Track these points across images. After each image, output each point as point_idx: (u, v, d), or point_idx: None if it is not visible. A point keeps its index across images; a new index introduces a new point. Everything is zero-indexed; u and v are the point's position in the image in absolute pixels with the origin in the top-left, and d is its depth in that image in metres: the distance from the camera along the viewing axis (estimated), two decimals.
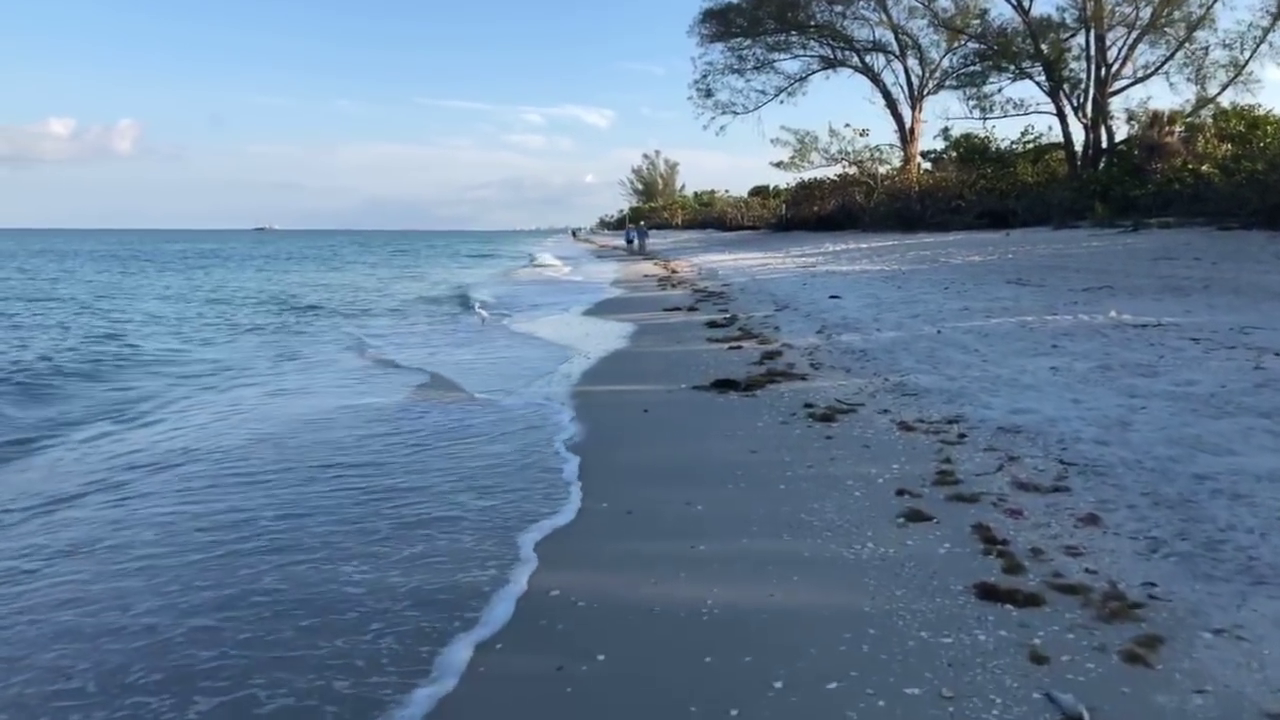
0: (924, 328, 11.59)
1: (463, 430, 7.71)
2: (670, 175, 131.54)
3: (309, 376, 11.40)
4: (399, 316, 20.14)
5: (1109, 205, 31.37)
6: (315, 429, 7.96)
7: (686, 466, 6.18)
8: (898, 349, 10.26)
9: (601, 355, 12.10)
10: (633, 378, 10.07)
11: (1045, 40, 40.77)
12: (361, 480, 6.20)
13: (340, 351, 13.95)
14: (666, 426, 7.50)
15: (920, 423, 6.93)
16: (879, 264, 24.36)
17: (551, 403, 8.82)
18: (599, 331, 14.79)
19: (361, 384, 10.64)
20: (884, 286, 17.49)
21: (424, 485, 6.04)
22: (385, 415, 8.48)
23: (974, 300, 14.01)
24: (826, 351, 10.73)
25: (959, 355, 9.42)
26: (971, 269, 20.33)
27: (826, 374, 9.35)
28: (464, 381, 10.44)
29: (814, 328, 12.88)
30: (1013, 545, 4.39)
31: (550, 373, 10.75)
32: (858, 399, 7.99)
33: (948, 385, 8.10)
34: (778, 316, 14.69)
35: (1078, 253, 22.02)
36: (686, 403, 8.41)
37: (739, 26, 51.77)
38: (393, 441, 7.34)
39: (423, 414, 8.47)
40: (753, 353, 11.15)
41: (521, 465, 6.51)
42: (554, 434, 7.43)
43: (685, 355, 11.41)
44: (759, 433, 7.03)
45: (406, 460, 6.73)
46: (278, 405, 9.35)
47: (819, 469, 5.92)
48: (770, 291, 19.24)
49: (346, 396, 9.71)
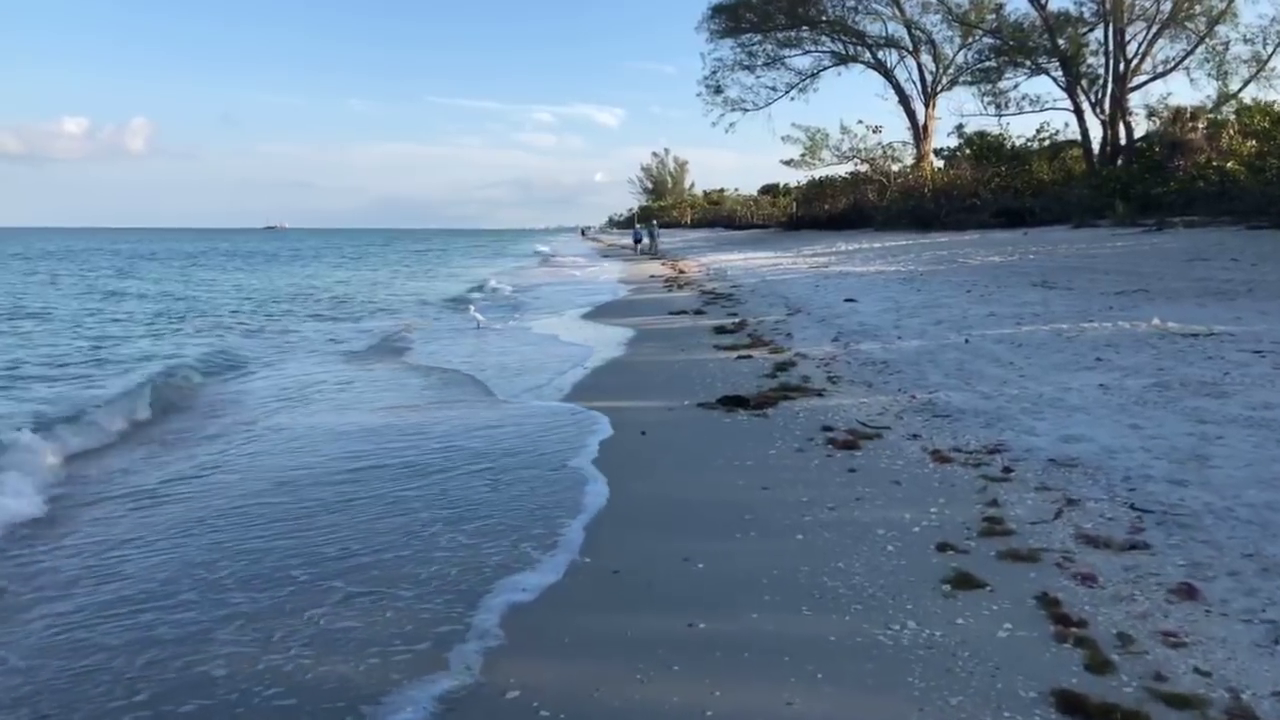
0: (949, 336, 10.67)
1: (419, 457, 6.83)
2: (679, 174, 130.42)
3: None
4: (393, 317, 19.26)
5: (1130, 204, 30.40)
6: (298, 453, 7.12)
7: (687, 507, 5.29)
8: (923, 360, 9.35)
9: (598, 364, 11.22)
10: (631, 391, 9.18)
11: (1063, 35, 39.72)
12: (297, 515, 5.34)
13: (338, 364, 13.11)
14: (666, 453, 6.60)
15: (957, 452, 6.03)
16: (894, 265, 23.41)
17: (538, 421, 7.94)
18: (598, 337, 13.90)
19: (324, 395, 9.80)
20: (902, 289, 16.56)
21: (371, 541, 5.17)
22: (350, 436, 7.62)
23: (1000, 305, 13.07)
24: (844, 363, 9.82)
25: (992, 369, 8.51)
26: (992, 270, 19.37)
27: (845, 389, 8.45)
28: (443, 393, 9.59)
29: (829, 335, 11.97)
30: (1092, 627, 3.49)
31: (539, 386, 9.87)
32: (882, 420, 7.09)
33: (983, 405, 7.19)
34: (790, 322, 13.78)
35: (1103, 253, 21.04)
36: (689, 424, 7.52)
37: (749, 22, 50.77)
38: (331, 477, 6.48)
39: (372, 437, 7.60)
40: (763, 363, 10.25)
41: (491, 503, 5.62)
42: (540, 461, 6.55)
43: (690, 365, 10.52)
44: (771, 463, 6.13)
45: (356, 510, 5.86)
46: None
47: (842, 512, 5.02)
48: (781, 294, 18.33)
49: (325, 413, 8.85)
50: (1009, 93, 44.63)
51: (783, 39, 51.39)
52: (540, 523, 5.14)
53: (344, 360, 12.78)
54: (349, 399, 9.56)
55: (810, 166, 53.27)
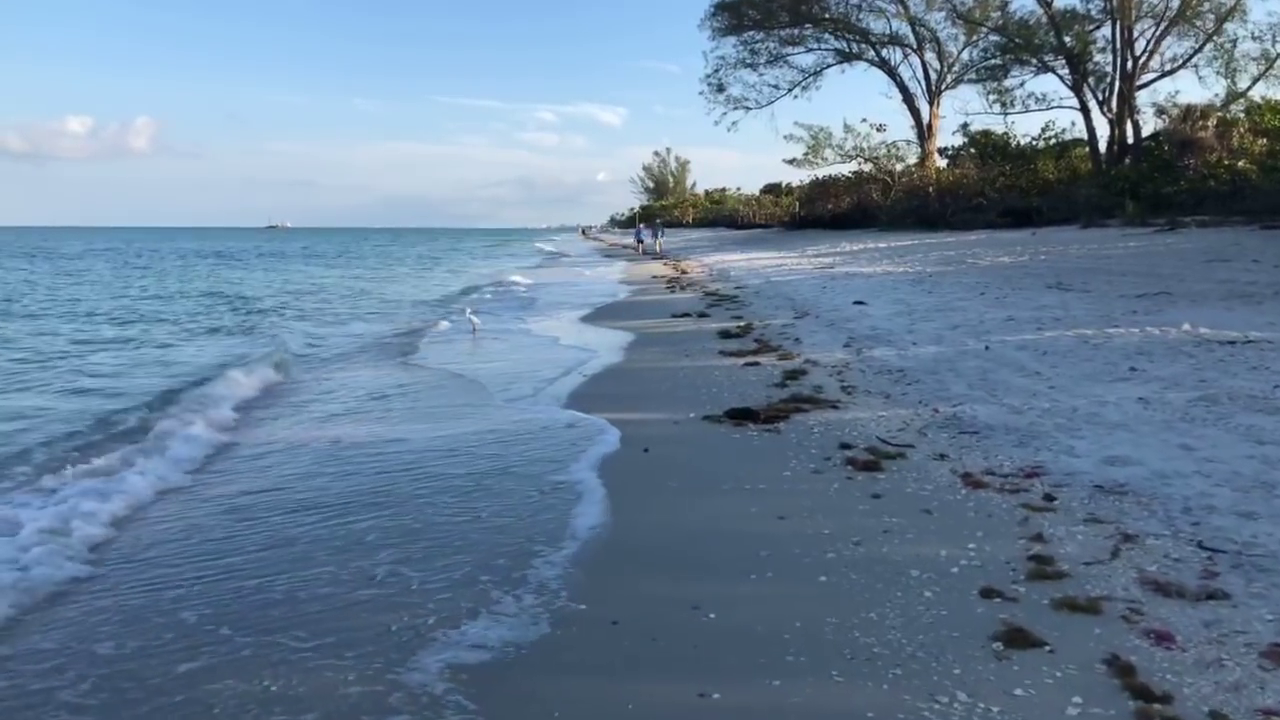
0: (968, 342, 10.13)
1: (400, 475, 6.29)
2: (681, 173, 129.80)
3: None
4: (386, 320, 18.71)
5: (1140, 203, 29.86)
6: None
7: (695, 540, 4.74)
8: (942, 369, 8.81)
9: (597, 371, 10.68)
10: (631, 402, 8.62)
11: (1069, 32, 39.14)
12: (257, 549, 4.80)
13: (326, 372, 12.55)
14: (670, 474, 6.05)
15: (990, 475, 5.48)
16: (901, 265, 22.87)
17: (528, 435, 7.40)
18: (597, 342, 13.34)
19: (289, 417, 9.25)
20: (913, 291, 16.01)
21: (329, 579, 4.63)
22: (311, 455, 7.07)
23: (1017, 308, 12.52)
24: (858, 371, 9.27)
25: (1018, 379, 7.96)
26: (1003, 271, 18.82)
27: (861, 401, 7.90)
28: (430, 401, 9.05)
29: (840, 339, 11.42)
30: (1178, 703, 2.94)
31: (533, 394, 9.32)
32: (904, 437, 6.54)
33: (1013, 420, 6.65)
34: (798, 325, 13.23)
35: (1116, 253, 20.48)
36: (696, 439, 6.97)
37: (752, 19, 50.14)
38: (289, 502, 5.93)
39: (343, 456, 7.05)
40: (772, 370, 9.71)
41: (470, 532, 5.07)
42: (525, 484, 6.00)
43: (694, 373, 9.97)
44: (786, 487, 5.59)
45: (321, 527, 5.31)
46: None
47: (869, 548, 4.48)
48: (787, 295, 17.78)
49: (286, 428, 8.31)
50: (1014, 91, 44.00)
51: (786, 36, 50.77)
52: (527, 560, 4.57)
53: (337, 364, 12.23)
54: (333, 409, 9.00)
55: (813, 166, 52.78)
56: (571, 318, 17.42)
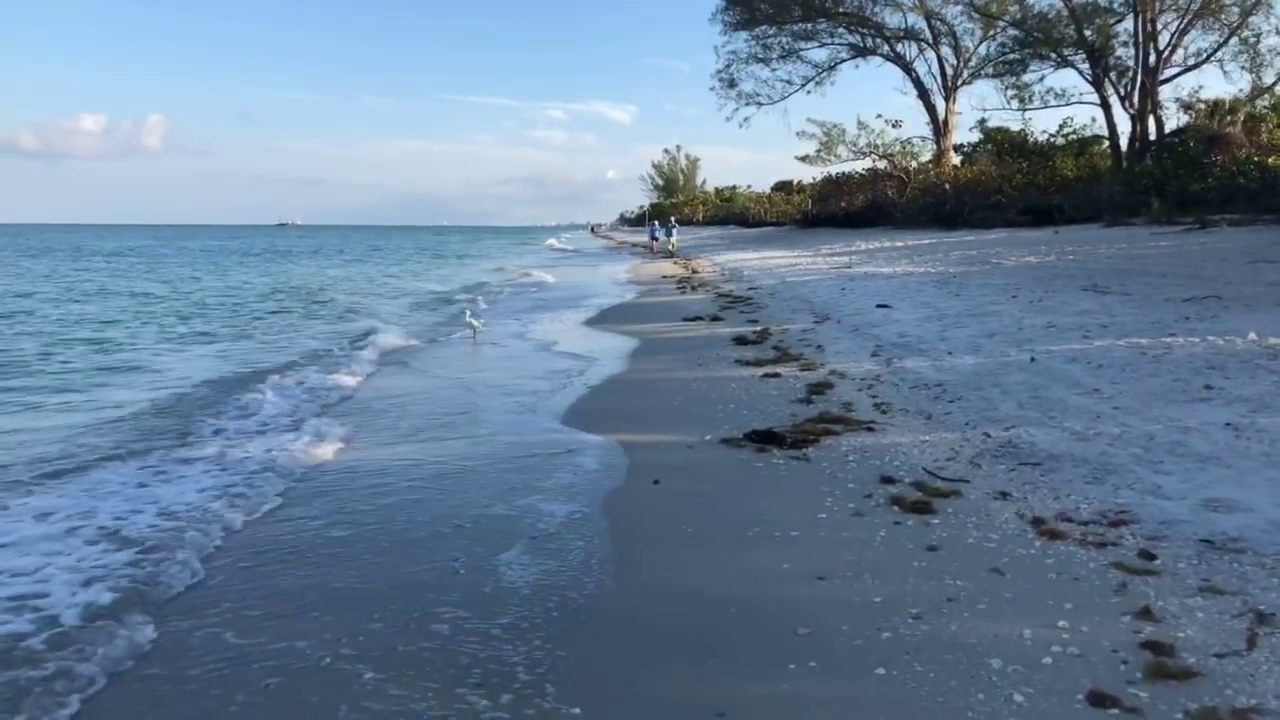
0: (1009, 352, 9.22)
1: (354, 515, 5.44)
2: (691, 171, 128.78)
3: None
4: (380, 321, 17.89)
5: (1166, 201, 28.90)
6: None
7: (717, 613, 3.85)
8: (986, 383, 7.90)
9: (603, 382, 9.81)
10: (640, 420, 7.75)
11: (1091, 26, 38.07)
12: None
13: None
14: (686, 515, 5.16)
15: (1067, 522, 4.59)
16: (922, 265, 21.93)
17: (522, 461, 6.53)
18: (603, 348, 12.46)
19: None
20: (939, 293, 15.08)
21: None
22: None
23: (1056, 313, 11.59)
24: (891, 385, 8.38)
25: (1075, 397, 7.06)
26: (1031, 272, 17.87)
27: (899, 421, 7.01)
28: (414, 416, 8.19)
29: (866, 348, 10.53)
30: None
31: (531, 409, 8.46)
32: (955, 469, 5.66)
33: (1080, 449, 5.75)
34: (819, 331, 12.33)
35: (1149, 253, 19.50)
36: (713, 468, 6.09)
37: (764, 13, 49.12)
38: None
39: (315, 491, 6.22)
40: (794, 383, 8.82)
41: (438, 596, 4.22)
42: (512, 528, 5.13)
43: (708, 385, 9.10)
44: (823, 535, 4.71)
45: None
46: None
47: (933, 623, 3.60)
48: (805, 297, 16.87)
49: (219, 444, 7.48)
50: (1033, 86, 42.92)
51: (799, 31, 49.74)
52: (508, 640, 3.71)
53: (320, 369, 11.40)
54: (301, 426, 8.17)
55: (826, 163, 51.79)
56: (578, 320, 16.55)
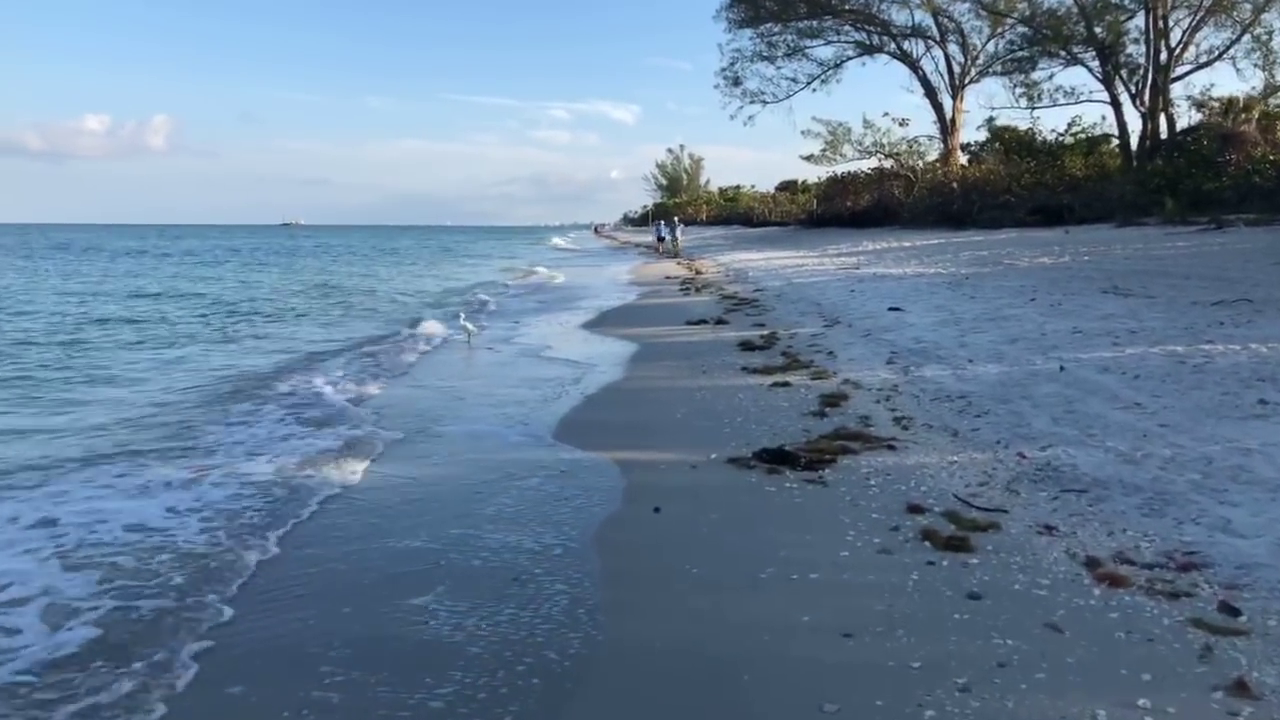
0: (1035, 360, 8.62)
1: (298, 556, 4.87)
2: (694, 170, 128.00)
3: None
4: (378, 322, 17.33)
5: (1179, 200, 28.32)
6: None
7: (728, 679, 3.26)
8: (1014, 395, 7.31)
9: (601, 391, 9.22)
10: (639, 435, 7.16)
11: (1101, 22, 37.42)
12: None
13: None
14: (690, 552, 4.56)
15: (1127, 564, 4.00)
16: (932, 266, 21.32)
17: (508, 482, 5.95)
18: (602, 353, 11.87)
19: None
20: (953, 296, 14.48)
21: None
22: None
23: (1080, 318, 10.99)
24: (911, 396, 7.78)
25: (1115, 412, 6.46)
26: (1047, 273, 17.27)
27: (923, 438, 6.42)
28: (386, 433, 7.61)
29: (881, 354, 9.94)
30: None
31: (521, 421, 7.86)
32: (991, 496, 5.07)
33: (1129, 473, 5.16)
34: (829, 336, 11.74)
35: (1167, 254, 18.88)
36: (720, 493, 5.50)
37: (769, 11, 48.45)
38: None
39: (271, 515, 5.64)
40: (806, 394, 8.24)
41: (397, 660, 3.64)
42: (495, 565, 4.55)
43: (714, 395, 8.51)
44: (847, 577, 4.12)
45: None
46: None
47: (984, 697, 3.02)
48: (813, 299, 16.28)
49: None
50: (1042, 84, 42.23)
51: (804, 28, 49.07)
52: (488, 710, 3.14)
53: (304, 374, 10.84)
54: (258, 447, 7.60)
55: (831, 162, 51.14)
56: (576, 322, 15.97)
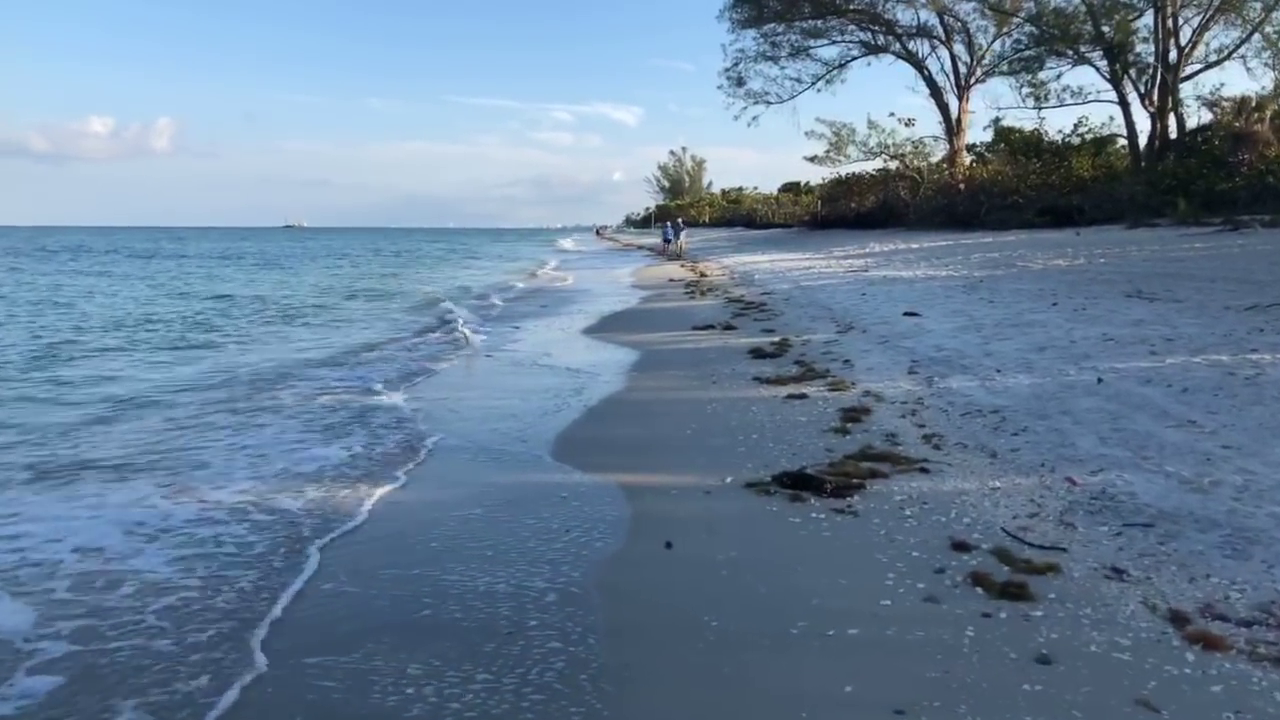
0: (1068, 370, 8.05)
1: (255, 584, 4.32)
2: (697, 172, 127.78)
3: None
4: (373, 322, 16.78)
5: (1192, 201, 27.82)
6: None
7: None
8: (1052, 410, 6.74)
9: (604, 403, 8.65)
10: (646, 454, 6.60)
11: (1109, 21, 36.86)
12: None
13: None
14: (707, 599, 4.00)
15: (1219, 620, 3.44)
16: (943, 268, 20.76)
17: (500, 510, 5.39)
18: (607, 361, 11.30)
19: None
20: (969, 300, 13.91)
21: None
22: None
23: (1108, 324, 10.43)
24: (939, 410, 7.22)
25: (1168, 431, 5.89)
26: (1064, 276, 16.71)
27: (958, 460, 5.86)
28: (365, 458, 7.06)
29: (901, 363, 9.37)
30: None
31: (517, 438, 7.28)
32: (1043, 530, 4.50)
33: (1197, 504, 4.60)
34: (844, 343, 11.17)
35: (1186, 256, 18.32)
36: (738, 525, 4.94)
37: (772, 11, 47.91)
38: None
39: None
40: (825, 406, 7.68)
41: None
42: (462, 622, 3.99)
43: (725, 408, 7.95)
44: (892, 631, 3.55)
45: None
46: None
47: None
48: (823, 303, 15.72)
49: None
50: (1049, 84, 41.66)
51: (808, 28, 48.54)
52: None
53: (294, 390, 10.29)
54: (223, 464, 7.05)
55: (835, 163, 50.64)
56: (579, 327, 15.41)
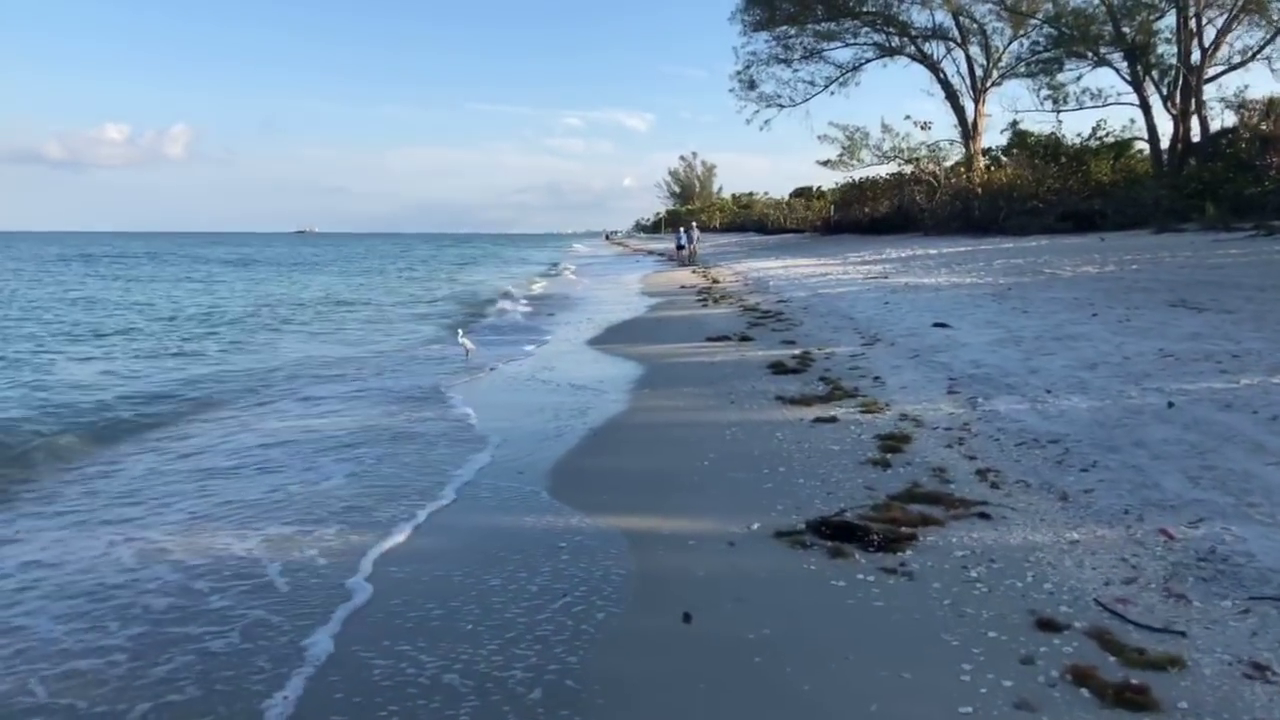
0: (1128, 391, 7.19)
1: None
2: (707, 177, 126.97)
3: None
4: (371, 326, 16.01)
5: (1220, 205, 26.97)
6: None
7: None
8: (1121, 440, 5.89)
9: (605, 424, 7.83)
10: (655, 492, 5.76)
11: (1131, 22, 35.94)
12: None
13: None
14: (738, 701, 3.16)
15: None
16: (966, 275, 19.88)
17: (485, 563, 4.57)
18: (611, 377, 10.45)
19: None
20: (1001, 310, 13.03)
21: None
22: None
23: (1162, 338, 9.55)
24: (989, 438, 6.37)
25: (1269, 469, 5.01)
26: (1097, 284, 15.81)
27: (1022, 502, 5.01)
28: (337, 488, 6.25)
29: (938, 381, 8.52)
30: None
31: (510, 468, 6.44)
32: (1147, 600, 3.66)
33: None
34: (871, 357, 10.32)
35: (1224, 262, 17.41)
36: (771, 587, 4.11)
37: (785, 13, 47.04)
38: None
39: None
40: (858, 432, 6.84)
41: None
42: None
43: (746, 434, 7.11)
44: None
45: None
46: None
47: None
48: (844, 312, 14.86)
49: None
50: (1068, 86, 40.70)
51: (821, 31, 47.65)
52: None
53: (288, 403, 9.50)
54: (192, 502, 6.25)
55: (848, 167, 49.74)
56: (584, 337, 14.60)
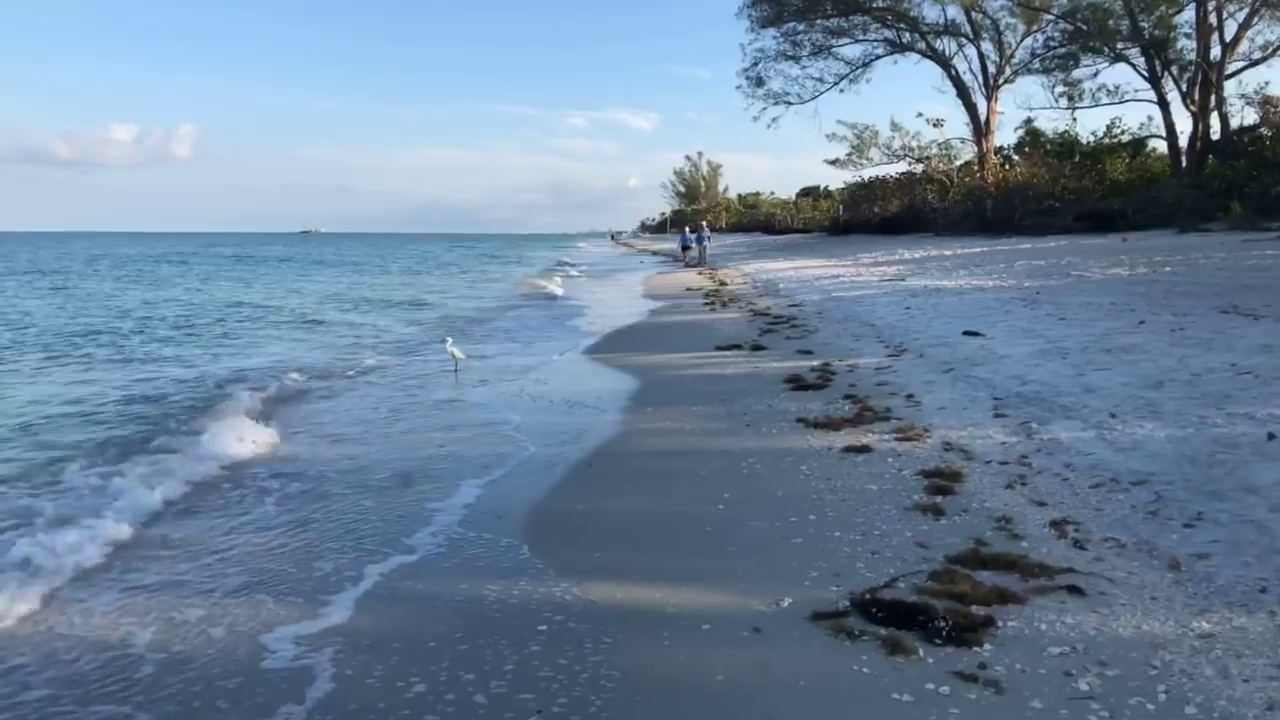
0: (1210, 416, 6.14)
1: None
2: (713, 177, 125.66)
3: None
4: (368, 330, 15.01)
5: (1247, 204, 26.02)
6: None
7: None
8: (1224, 482, 4.85)
9: (600, 446, 6.81)
10: (659, 550, 4.72)
11: (1149, 17, 34.83)
12: None
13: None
14: None
15: None
16: (987, 278, 18.81)
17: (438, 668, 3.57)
18: (610, 393, 9.41)
19: None
20: (1035, 316, 11.96)
21: None
22: None
23: (1229, 351, 8.47)
24: (1054, 476, 5.33)
25: None
26: (1131, 287, 14.74)
27: (1118, 568, 3.98)
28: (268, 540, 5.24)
29: (980, 400, 7.48)
30: None
31: (488, 511, 5.43)
32: None
33: None
34: (900, 370, 9.28)
35: (1266, 264, 16.36)
36: (811, 701, 3.09)
37: (793, 9, 45.92)
38: None
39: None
40: (897, 466, 5.81)
41: None
42: None
43: (767, 468, 6.08)
44: None
45: None
46: None
47: None
48: (862, 318, 13.81)
49: None
50: (1084, 83, 39.53)
51: (830, 27, 46.53)
52: None
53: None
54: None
55: (858, 166, 48.76)
56: (584, 346, 13.58)
